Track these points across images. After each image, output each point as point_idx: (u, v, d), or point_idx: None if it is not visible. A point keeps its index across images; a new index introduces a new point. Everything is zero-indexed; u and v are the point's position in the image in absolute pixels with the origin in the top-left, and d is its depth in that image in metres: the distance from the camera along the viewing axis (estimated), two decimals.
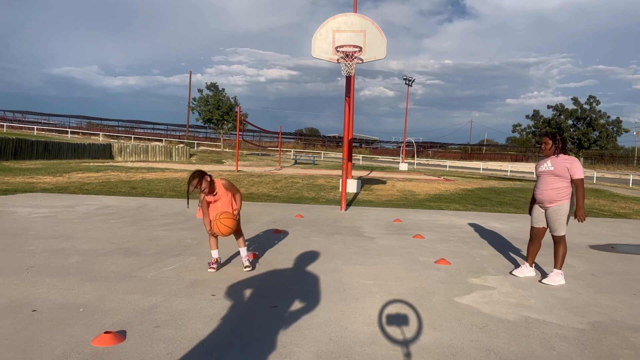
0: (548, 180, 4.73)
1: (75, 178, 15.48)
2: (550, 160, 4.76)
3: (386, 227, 7.94)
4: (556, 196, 4.67)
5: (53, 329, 3.05)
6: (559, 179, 4.67)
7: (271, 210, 9.70)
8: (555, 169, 4.67)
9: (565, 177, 4.65)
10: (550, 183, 4.71)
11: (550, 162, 4.75)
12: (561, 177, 4.66)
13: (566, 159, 4.71)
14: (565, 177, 4.65)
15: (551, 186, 4.69)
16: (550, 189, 4.69)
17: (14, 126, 52.84)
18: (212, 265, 4.72)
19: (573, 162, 4.67)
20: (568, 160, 4.70)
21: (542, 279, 4.81)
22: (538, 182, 4.86)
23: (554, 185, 4.68)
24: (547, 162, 4.79)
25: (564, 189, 4.66)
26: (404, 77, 46.79)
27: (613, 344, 3.17)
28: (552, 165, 4.71)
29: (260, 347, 2.91)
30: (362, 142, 78.94)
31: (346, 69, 9.70)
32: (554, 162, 4.72)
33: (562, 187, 4.66)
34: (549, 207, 4.75)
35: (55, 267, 4.57)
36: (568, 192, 4.67)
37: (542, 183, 4.78)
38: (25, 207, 8.84)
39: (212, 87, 46.32)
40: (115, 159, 34.39)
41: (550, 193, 4.70)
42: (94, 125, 67.65)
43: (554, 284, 4.66)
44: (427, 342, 3.07)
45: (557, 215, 4.70)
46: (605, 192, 19.34)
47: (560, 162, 4.68)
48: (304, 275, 4.66)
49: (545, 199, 4.73)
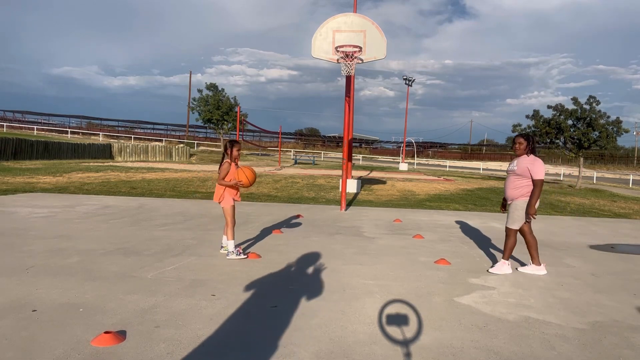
0: (511, 178, 5.04)
1: (75, 178, 15.48)
2: (517, 160, 5.03)
3: (386, 227, 7.94)
4: (515, 194, 4.98)
5: (53, 329, 3.04)
6: (519, 177, 4.94)
7: (271, 210, 9.70)
8: (518, 168, 4.95)
9: (525, 176, 4.90)
10: (512, 181, 5.01)
11: (516, 162, 5.03)
12: (521, 176, 4.92)
13: (530, 159, 4.92)
14: (525, 177, 4.90)
15: (512, 184, 5.00)
16: (511, 187, 5.01)
17: (14, 126, 52.84)
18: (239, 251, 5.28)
19: (535, 162, 4.88)
20: (530, 161, 4.91)
21: (489, 268, 5.13)
22: (505, 180, 5.20)
23: (515, 183, 4.97)
24: (514, 161, 5.08)
25: (522, 188, 4.92)
26: (404, 77, 46.80)
27: (613, 344, 3.17)
28: (516, 165, 4.99)
29: (260, 347, 2.91)
30: (362, 142, 78.95)
31: (346, 69, 9.70)
32: (519, 162, 4.98)
33: (521, 185, 4.92)
34: (510, 204, 5.08)
35: (55, 267, 4.56)
36: (527, 190, 4.91)
37: (507, 181, 5.13)
38: (25, 207, 8.84)
39: (212, 87, 46.30)
40: (115, 159, 34.39)
41: (510, 191, 5.02)
42: (94, 125, 67.65)
43: (500, 273, 4.97)
44: (427, 342, 3.07)
45: (512, 210, 5.00)
46: (605, 192, 19.34)
47: (523, 162, 4.93)
48: (304, 275, 4.66)
49: (507, 195, 5.10)
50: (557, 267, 5.44)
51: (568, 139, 22.32)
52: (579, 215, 11.27)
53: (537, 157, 4.93)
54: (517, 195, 4.95)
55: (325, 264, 5.15)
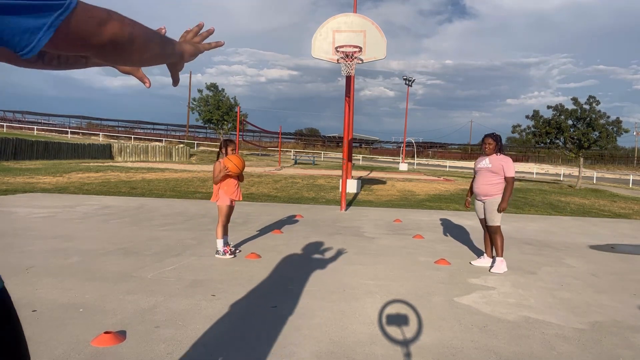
0: (486, 175, 5.22)
1: (75, 178, 15.48)
2: (488, 159, 5.25)
3: (386, 227, 7.94)
4: (491, 190, 5.18)
5: (53, 329, 3.04)
6: (495, 175, 5.16)
7: (271, 210, 9.70)
8: (493, 166, 5.17)
9: (500, 174, 5.14)
10: (487, 178, 5.21)
11: (488, 160, 5.24)
12: (497, 173, 5.15)
13: (502, 158, 5.18)
14: (500, 174, 5.14)
15: (488, 181, 5.19)
16: (487, 184, 5.19)
17: (13, 126, 52.82)
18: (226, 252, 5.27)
19: (508, 161, 5.16)
20: (504, 159, 5.17)
21: (490, 268, 5.18)
22: (476, 177, 5.37)
23: (491, 180, 5.18)
24: (485, 159, 5.28)
25: (498, 184, 5.16)
26: (403, 77, 46.77)
27: (613, 344, 3.17)
28: (490, 163, 5.20)
29: (260, 347, 2.91)
30: (362, 142, 78.91)
31: (346, 69, 9.70)
32: (492, 160, 5.21)
33: (497, 182, 5.16)
34: (485, 200, 5.24)
35: (55, 267, 4.56)
36: (502, 187, 5.17)
37: (480, 178, 5.28)
38: (25, 207, 8.84)
39: (212, 87, 46.31)
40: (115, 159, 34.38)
41: (485, 187, 5.21)
42: (93, 126, 67.64)
43: (500, 272, 5.06)
44: (427, 342, 3.07)
45: (492, 207, 5.17)
46: (605, 193, 19.34)
47: (497, 160, 5.17)
48: (304, 275, 4.66)
49: (481, 192, 5.25)
50: (557, 267, 5.44)
51: (568, 139, 22.32)
52: (579, 215, 11.27)
53: (506, 156, 5.23)
54: (494, 192, 5.17)
55: (325, 264, 5.15)
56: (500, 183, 5.15)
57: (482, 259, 5.44)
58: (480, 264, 5.38)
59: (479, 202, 5.38)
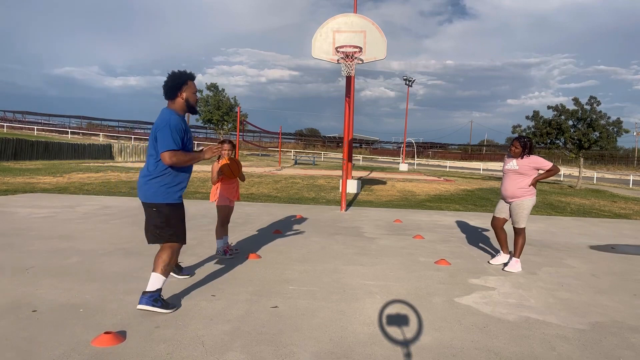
0: (513, 177, 5.22)
1: (76, 178, 15.48)
2: (515, 160, 5.24)
3: (386, 228, 7.94)
4: (517, 192, 5.18)
5: (53, 330, 3.04)
6: (522, 176, 5.17)
7: (271, 210, 9.70)
8: (520, 168, 5.17)
9: (528, 175, 5.14)
10: (514, 180, 5.21)
11: (515, 162, 5.23)
12: (524, 175, 5.15)
13: (531, 159, 5.19)
14: (528, 175, 5.15)
15: (516, 184, 5.18)
16: (515, 186, 5.19)
17: (14, 126, 52.86)
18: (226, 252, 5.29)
19: (537, 159, 5.18)
20: (532, 159, 5.18)
21: (504, 267, 5.26)
22: (503, 179, 5.37)
23: (518, 182, 5.17)
24: (513, 161, 5.27)
25: (524, 186, 5.16)
26: (403, 77, 46.77)
27: (613, 344, 3.17)
28: (517, 165, 5.20)
29: (260, 347, 2.91)
30: (362, 143, 78.91)
31: (346, 69, 9.70)
32: (519, 162, 5.21)
33: (524, 184, 5.16)
34: (512, 202, 5.25)
35: (55, 268, 4.56)
36: (528, 189, 5.16)
37: (508, 180, 5.28)
38: (26, 207, 8.84)
39: (212, 88, 46.33)
40: (116, 159, 34.38)
41: (512, 190, 5.21)
42: (94, 126, 67.68)
43: (515, 271, 5.12)
44: (427, 343, 3.07)
45: (519, 209, 5.20)
46: (605, 193, 19.33)
47: (524, 162, 5.17)
48: (304, 275, 4.66)
49: (508, 194, 5.26)
50: (558, 268, 5.44)
51: (568, 139, 22.32)
52: (579, 215, 11.27)
53: (535, 155, 5.25)
54: (522, 194, 5.17)
55: (326, 264, 5.15)
56: (527, 185, 5.16)
57: (499, 256, 5.51)
58: (498, 262, 5.46)
59: (504, 203, 5.39)
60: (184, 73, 3.63)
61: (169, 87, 3.59)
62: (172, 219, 3.58)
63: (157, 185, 3.53)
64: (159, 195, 3.54)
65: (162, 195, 3.54)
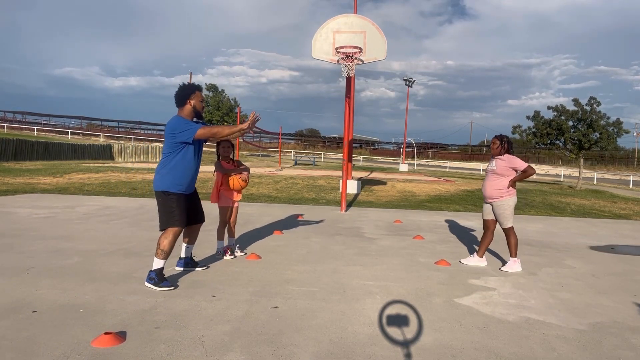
0: (492, 178, 5.23)
1: (76, 179, 15.48)
2: (495, 161, 5.25)
3: (386, 228, 7.94)
4: (494, 193, 5.17)
5: (53, 330, 3.04)
6: (499, 177, 5.15)
7: (271, 210, 9.70)
8: (497, 168, 5.17)
9: (504, 175, 5.12)
10: (492, 181, 5.21)
11: (494, 162, 5.24)
12: (501, 175, 5.14)
13: (506, 158, 5.17)
14: (504, 176, 5.13)
15: (494, 185, 5.18)
16: (493, 187, 5.18)
17: (14, 127, 52.86)
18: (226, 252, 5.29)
19: (512, 159, 5.13)
20: (507, 159, 5.15)
21: (502, 267, 5.27)
22: (484, 180, 5.39)
23: (496, 183, 5.17)
24: (493, 162, 5.29)
25: (502, 187, 5.14)
26: (404, 77, 46.76)
27: (613, 345, 3.17)
28: (495, 165, 5.20)
29: (260, 347, 2.91)
30: (362, 143, 78.90)
31: (346, 70, 9.70)
32: (497, 163, 5.20)
33: (501, 185, 5.14)
34: (492, 202, 5.24)
35: (55, 268, 4.56)
36: (506, 189, 5.13)
37: (486, 180, 5.31)
38: (26, 207, 8.85)
39: (212, 88, 46.36)
40: (116, 159, 34.40)
41: (490, 190, 5.21)
42: (94, 126, 67.67)
43: (512, 271, 5.12)
44: (427, 343, 3.07)
45: (500, 210, 5.18)
46: (605, 193, 19.33)
47: (501, 163, 5.17)
48: (304, 275, 4.66)
49: (487, 195, 5.26)
50: (558, 268, 5.44)
51: (568, 139, 22.32)
52: (579, 216, 11.27)
53: (511, 155, 5.20)
54: (499, 195, 5.17)
55: (326, 264, 5.15)
56: (504, 186, 5.13)
57: (472, 257, 5.43)
58: (469, 262, 5.38)
59: (487, 204, 5.36)
60: (192, 85, 4.22)
61: (179, 96, 4.12)
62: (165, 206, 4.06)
63: (163, 177, 4.03)
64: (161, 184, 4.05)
65: (164, 184, 4.04)
